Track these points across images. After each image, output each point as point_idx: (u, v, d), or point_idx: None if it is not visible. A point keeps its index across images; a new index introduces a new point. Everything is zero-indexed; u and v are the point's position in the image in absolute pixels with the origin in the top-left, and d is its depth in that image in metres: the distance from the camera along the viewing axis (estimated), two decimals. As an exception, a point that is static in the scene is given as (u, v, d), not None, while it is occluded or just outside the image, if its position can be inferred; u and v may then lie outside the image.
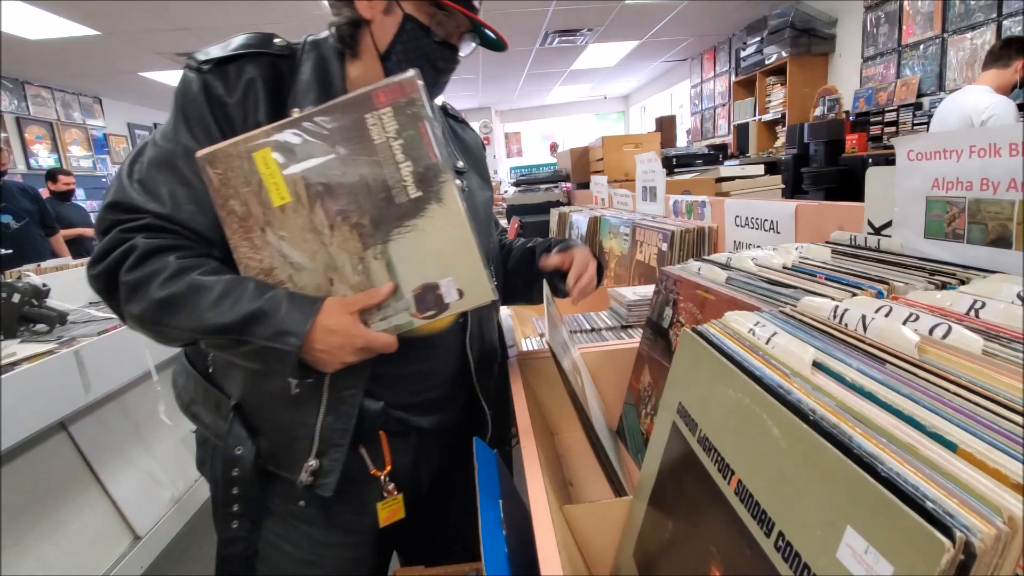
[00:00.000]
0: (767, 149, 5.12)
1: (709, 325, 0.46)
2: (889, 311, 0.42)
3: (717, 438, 0.38)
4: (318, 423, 0.70)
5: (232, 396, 0.73)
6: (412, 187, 0.63)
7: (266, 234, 0.64)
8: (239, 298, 0.62)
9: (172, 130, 0.68)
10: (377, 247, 0.64)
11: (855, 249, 0.69)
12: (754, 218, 1.04)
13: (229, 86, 0.68)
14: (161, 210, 0.64)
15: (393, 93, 0.62)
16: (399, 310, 0.66)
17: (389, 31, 0.73)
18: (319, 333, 0.62)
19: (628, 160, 2.73)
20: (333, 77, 0.74)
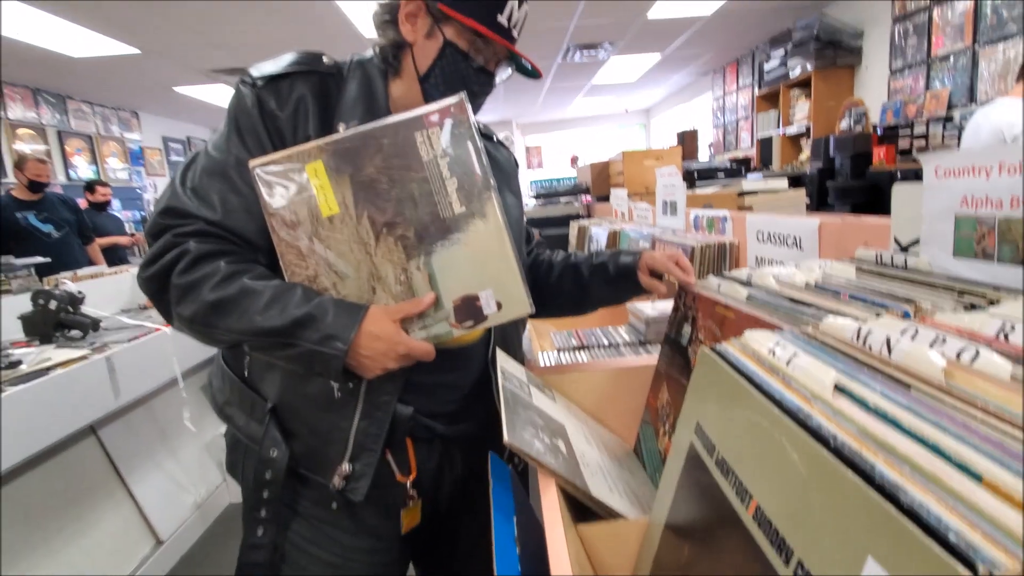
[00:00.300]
0: (791, 163, 5.05)
1: (728, 344, 0.46)
2: (915, 333, 0.41)
3: (735, 461, 0.37)
4: (353, 427, 0.71)
5: (268, 398, 0.74)
6: (456, 203, 0.66)
7: (313, 243, 0.67)
8: (288, 303, 0.65)
9: (225, 141, 0.71)
10: (420, 258, 0.67)
11: (881, 267, 0.67)
12: (777, 234, 1.03)
13: (281, 101, 0.71)
14: (212, 216, 0.67)
15: (443, 114, 0.66)
16: (439, 320, 0.68)
17: (430, 55, 0.76)
18: (364, 339, 0.65)
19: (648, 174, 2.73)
20: (377, 95, 0.77)
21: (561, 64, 6.00)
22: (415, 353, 0.67)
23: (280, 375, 0.73)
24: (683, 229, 1.57)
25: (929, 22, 3.67)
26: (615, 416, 0.88)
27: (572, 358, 1.05)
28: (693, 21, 4.82)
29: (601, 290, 0.95)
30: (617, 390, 0.88)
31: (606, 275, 0.94)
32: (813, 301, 0.55)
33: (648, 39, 5.30)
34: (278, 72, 0.72)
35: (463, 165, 0.66)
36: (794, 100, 4.98)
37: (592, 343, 1.11)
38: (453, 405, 0.82)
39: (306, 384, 0.72)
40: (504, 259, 0.67)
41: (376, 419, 0.72)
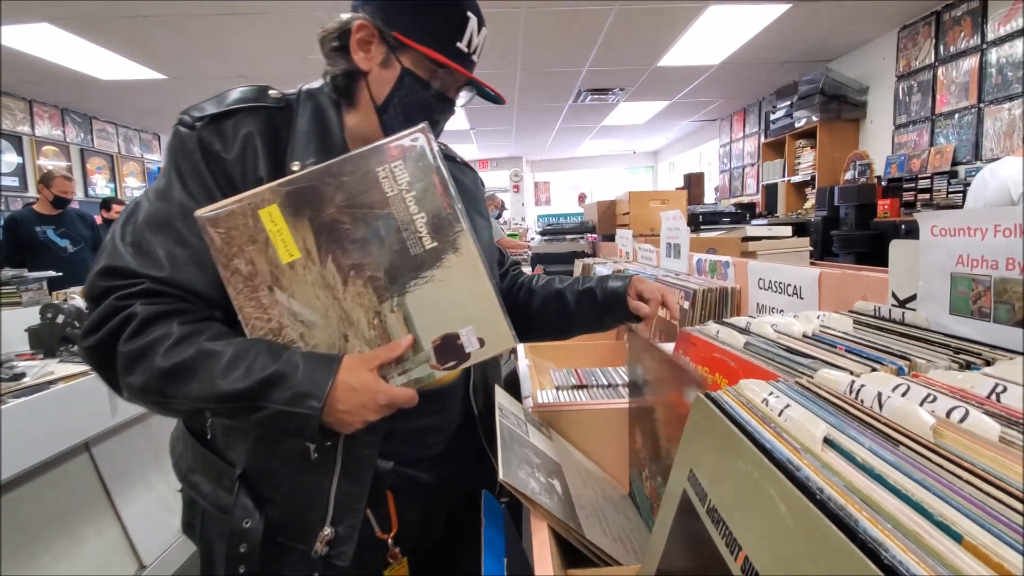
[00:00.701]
0: (796, 210, 5.11)
1: (723, 392, 0.47)
2: (907, 390, 0.41)
3: (726, 510, 0.37)
4: (333, 487, 0.66)
5: (237, 464, 0.69)
6: (427, 238, 0.63)
7: (274, 292, 0.62)
8: (253, 361, 0.59)
9: (167, 188, 0.65)
10: (393, 300, 0.63)
11: (879, 321, 0.68)
12: (778, 282, 1.04)
13: (226, 142, 0.66)
14: (159, 273, 0.61)
15: (405, 147, 0.62)
16: (419, 363, 0.65)
17: (387, 83, 0.73)
18: (341, 392, 0.59)
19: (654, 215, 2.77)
20: (332, 128, 0.73)
21: (572, 106, 6.17)
22: (397, 401, 0.62)
23: (247, 438, 0.68)
24: (686, 272, 1.59)
25: (934, 80, 3.78)
26: (612, 458, 0.87)
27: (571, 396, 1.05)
28: (702, 70, 4.98)
29: (587, 316, 0.94)
30: (615, 431, 0.88)
31: (592, 300, 0.92)
32: (810, 352, 0.56)
33: (657, 86, 5.46)
34: (221, 110, 0.67)
35: (430, 198, 0.63)
36: (799, 150, 5.08)
37: (591, 382, 1.11)
38: (438, 448, 0.79)
39: (276, 446, 0.67)
40: (482, 293, 0.64)
41: (358, 476, 0.67)
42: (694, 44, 4.24)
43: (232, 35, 3.65)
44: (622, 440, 0.87)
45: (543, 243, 3.42)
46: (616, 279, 0.92)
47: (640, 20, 3.73)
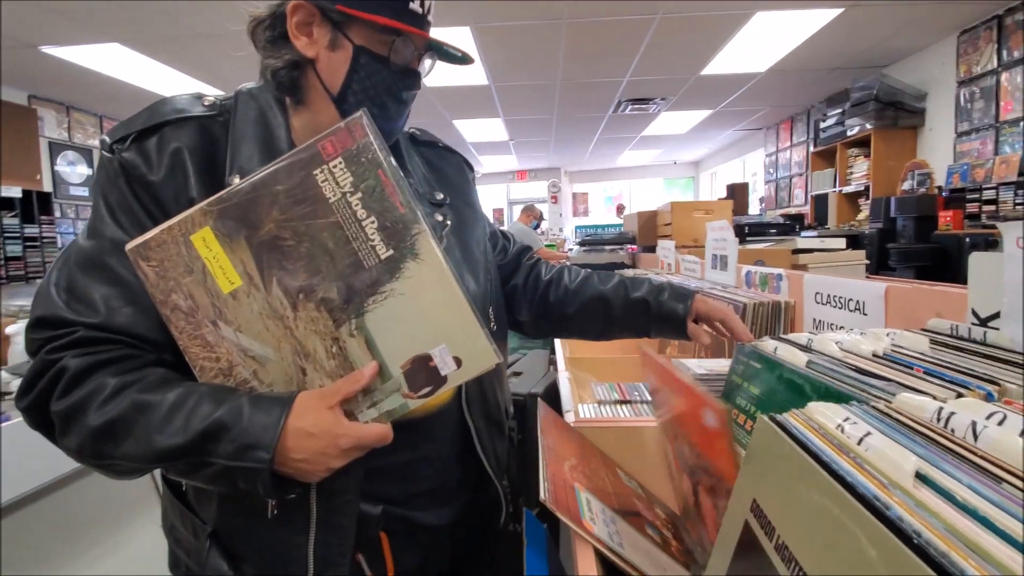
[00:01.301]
0: (848, 222, 4.89)
1: (790, 415, 0.43)
2: (1003, 418, 0.37)
3: (799, 548, 0.34)
4: (310, 541, 0.59)
5: (208, 521, 0.63)
6: (381, 246, 0.55)
7: (219, 327, 0.55)
8: (192, 411, 0.52)
9: (96, 223, 0.59)
10: (352, 322, 0.56)
11: (957, 340, 0.63)
12: (837, 296, 0.98)
13: (151, 163, 0.59)
14: (92, 319, 0.55)
15: (341, 141, 0.54)
16: (389, 392, 0.57)
17: (340, 68, 0.64)
18: (293, 440, 0.52)
19: (697, 226, 2.69)
20: (275, 131, 0.65)
21: (612, 116, 6.13)
22: (365, 441, 0.54)
23: (215, 492, 0.62)
24: (734, 285, 1.53)
25: (997, 86, 3.56)
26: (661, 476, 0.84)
27: (613, 412, 1.02)
28: (748, 78, 4.86)
29: (633, 327, 0.86)
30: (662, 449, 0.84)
31: (643, 313, 0.85)
32: (883, 373, 0.52)
33: (701, 95, 5.36)
34: (143, 127, 0.59)
35: (379, 198, 0.54)
36: (852, 159, 4.87)
37: (635, 398, 1.07)
38: (432, 481, 0.71)
39: (243, 500, 0.60)
40: (453, 304, 0.56)
41: (337, 526, 0.60)
42: (740, 51, 4.15)
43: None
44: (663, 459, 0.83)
45: (582, 253, 3.39)
46: (676, 295, 0.84)
47: (684, 28, 3.68)
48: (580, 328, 0.92)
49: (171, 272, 0.55)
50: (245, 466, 0.52)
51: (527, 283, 0.93)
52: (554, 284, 0.91)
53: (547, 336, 0.96)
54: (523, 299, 0.93)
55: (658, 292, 0.86)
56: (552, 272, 0.94)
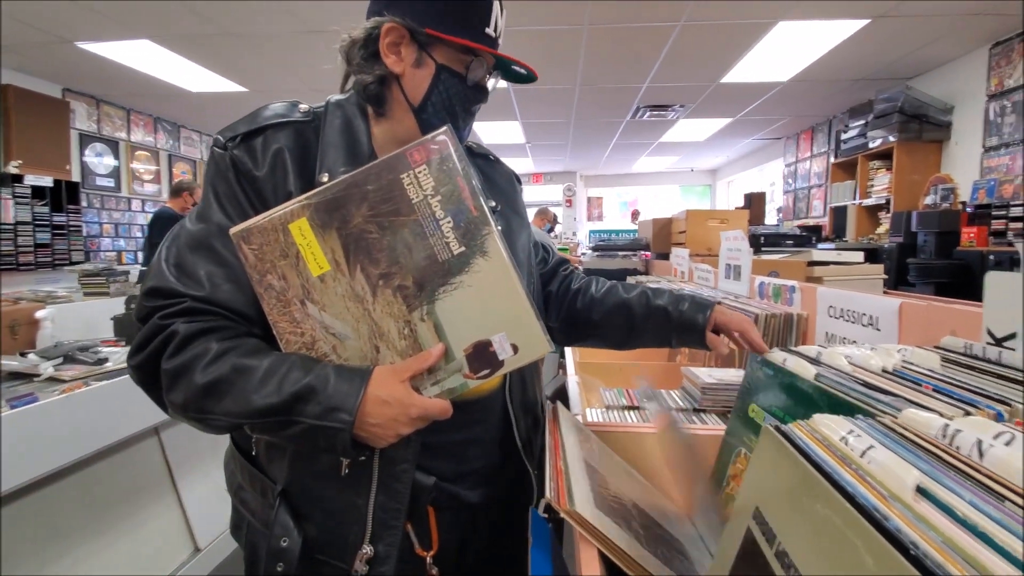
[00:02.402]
0: (867, 235, 4.82)
1: (795, 426, 0.44)
2: (1011, 439, 0.37)
3: (799, 556, 0.35)
4: (371, 504, 0.66)
5: (278, 481, 0.69)
6: (455, 243, 0.62)
7: (306, 306, 0.62)
8: (285, 376, 0.59)
9: (205, 210, 0.67)
10: (423, 308, 0.62)
11: (970, 359, 0.62)
12: (851, 310, 0.98)
13: (256, 160, 0.67)
14: (199, 292, 0.63)
15: (427, 151, 0.61)
16: (451, 372, 0.63)
17: (422, 83, 0.72)
18: (371, 406, 0.59)
19: (712, 235, 2.68)
20: (359, 137, 0.73)
21: (630, 122, 6.11)
22: (430, 413, 0.61)
23: (287, 453, 0.69)
24: (746, 295, 1.52)
25: (1029, 101, 3.48)
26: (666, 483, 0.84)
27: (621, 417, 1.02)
28: (769, 87, 4.82)
29: (655, 335, 0.90)
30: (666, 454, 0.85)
31: (665, 321, 0.88)
32: (891, 389, 0.52)
33: (721, 103, 5.33)
34: (250, 129, 0.68)
35: (456, 201, 0.61)
36: (873, 171, 4.80)
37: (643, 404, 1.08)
38: (479, 462, 0.77)
39: (315, 461, 0.67)
40: (514, 297, 0.62)
41: (394, 491, 0.66)
42: (762, 60, 4.11)
43: (308, 52, 3.87)
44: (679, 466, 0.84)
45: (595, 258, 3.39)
46: (696, 305, 0.87)
47: (706, 36, 3.66)
48: (605, 335, 0.95)
49: (268, 255, 0.62)
50: (329, 425, 0.58)
51: (559, 291, 0.99)
52: (582, 292, 0.97)
53: (574, 343, 1.00)
54: (555, 306, 0.98)
55: (678, 302, 0.89)
56: (581, 282, 0.99)
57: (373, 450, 0.64)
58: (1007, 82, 3.68)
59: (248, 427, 0.62)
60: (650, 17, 3.36)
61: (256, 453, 0.73)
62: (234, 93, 4.90)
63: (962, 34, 3.66)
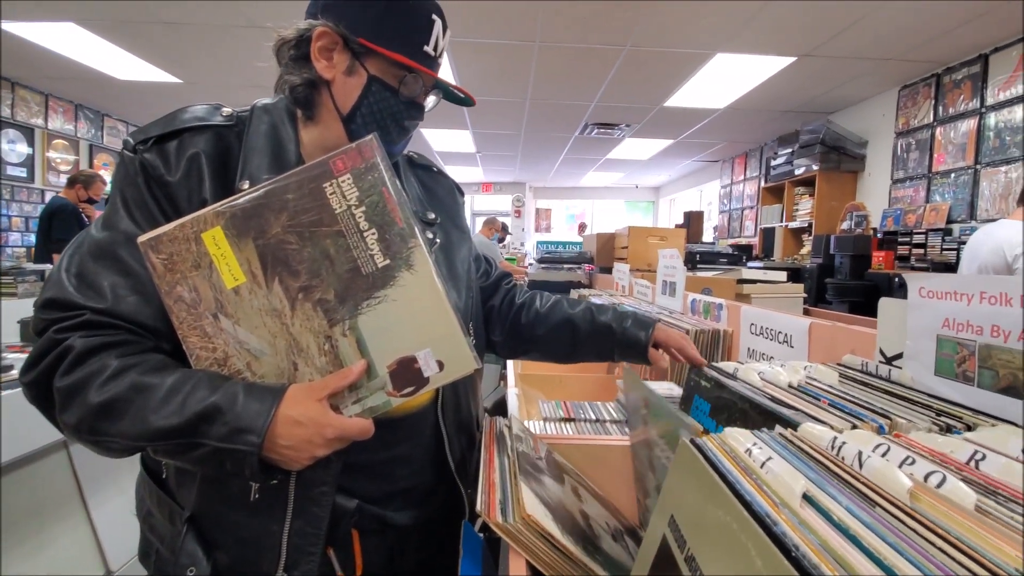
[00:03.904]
0: (792, 255, 5.17)
1: (708, 439, 0.47)
2: (887, 450, 0.42)
3: (704, 559, 0.37)
4: (286, 529, 0.63)
5: (186, 506, 0.65)
6: (379, 255, 0.60)
7: (219, 320, 0.59)
8: (188, 395, 0.56)
9: (111, 217, 0.63)
10: (345, 323, 0.60)
11: (865, 376, 0.69)
12: (769, 328, 1.05)
13: (169, 164, 0.64)
14: (100, 304, 0.59)
15: (351, 159, 0.59)
16: (374, 390, 0.61)
17: (352, 92, 0.70)
18: (283, 426, 0.56)
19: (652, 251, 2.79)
20: (286, 143, 0.70)
21: (578, 138, 6.28)
22: (349, 433, 0.58)
23: (198, 477, 0.65)
24: (680, 311, 1.60)
25: (932, 139, 3.88)
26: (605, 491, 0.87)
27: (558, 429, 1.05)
28: (707, 113, 5.10)
29: (597, 351, 0.93)
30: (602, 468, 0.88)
31: (608, 338, 0.91)
32: (794, 403, 0.57)
33: (663, 125, 5.58)
34: (164, 132, 0.65)
35: (382, 213, 0.59)
36: (798, 196, 5.17)
37: (579, 416, 1.11)
38: (407, 482, 0.75)
39: (225, 486, 0.63)
40: (440, 312, 0.60)
41: (312, 516, 0.63)
42: (701, 88, 4.35)
43: (248, 46, 3.73)
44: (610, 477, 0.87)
45: (540, 270, 3.44)
46: (638, 323, 0.90)
47: (650, 61, 3.84)
48: (548, 349, 0.97)
49: (179, 266, 0.59)
50: (236, 448, 0.55)
51: (502, 305, 0.99)
52: (526, 307, 0.97)
53: (517, 357, 1.02)
54: (497, 320, 0.99)
55: (622, 319, 0.92)
56: (525, 296, 1.00)
57: (289, 473, 0.61)
58: (912, 122, 4.08)
59: (151, 450, 0.59)
60: (598, 40, 3.49)
61: (166, 477, 0.69)
62: (166, 84, 4.64)
63: (875, 76, 4.04)
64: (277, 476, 0.59)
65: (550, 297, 1.00)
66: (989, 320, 0.57)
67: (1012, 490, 0.37)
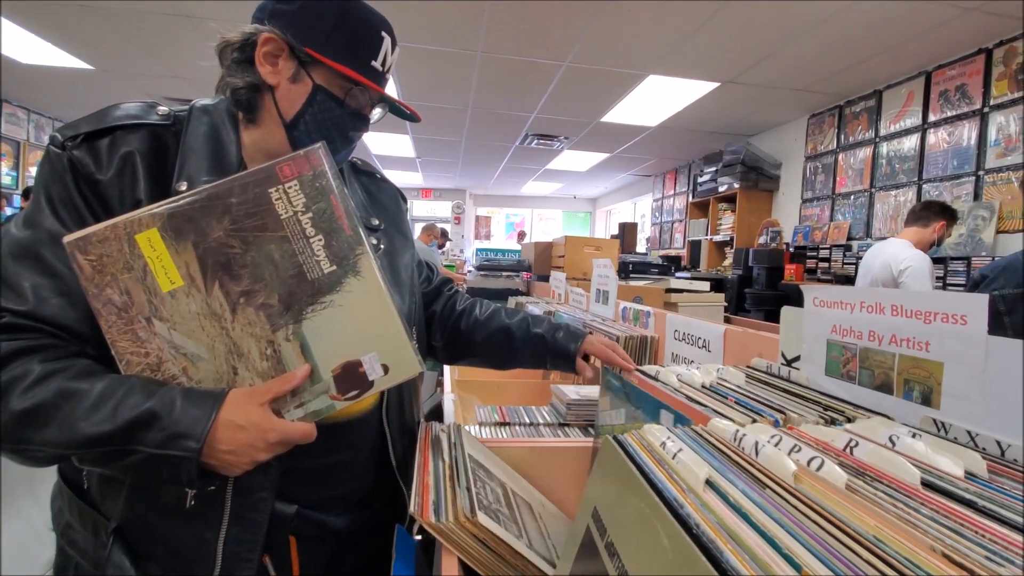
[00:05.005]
0: (716, 267, 5.51)
1: (628, 435, 0.51)
2: (779, 440, 0.48)
3: (621, 545, 0.41)
4: (221, 537, 0.61)
5: (112, 517, 0.63)
6: (326, 262, 0.60)
7: (152, 324, 0.57)
8: (121, 401, 0.54)
9: (35, 215, 0.60)
10: (288, 328, 0.60)
11: (768, 376, 0.76)
12: (690, 334, 1.13)
13: (100, 162, 0.61)
14: (21, 307, 0.56)
15: (299, 166, 0.59)
16: (317, 394, 0.61)
17: (297, 100, 0.70)
18: (223, 431, 0.54)
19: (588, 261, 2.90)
20: (226, 145, 0.69)
21: (519, 147, 6.39)
22: (291, 437, 0.58)
23: (125, 486, 0.62)
24: (612, 319, 1.67)
25: (835, 164, 4.28)
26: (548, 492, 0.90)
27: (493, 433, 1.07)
28: (640, 130, 5.35)
29: (531, 359, 0.96)
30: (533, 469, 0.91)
31: (541, 348, 0.94)
32: (705, 402, 0.62)
33: (600, 139, 5.79)
34: (96, 129, 0.62)
35: (329, 220, 0.59)
36: (721, 212, 5.53)
37: (514, 420, 1.14)
38: (347, 486, 0.74)
39: (157, 494, 0.61)
40: (386, 317, 0.61)
41: (250, 522, 0.62)
42: (635, 106, 4.57)
43: (173, 36, 3.52)
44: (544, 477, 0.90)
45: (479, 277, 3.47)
46: (570, 335, 0.94)
47: (587, 78, 3.98)
48: (486, 356, 1.00)
49: (109, 268, 0.56)
50: (174, 454, 0.53)
51: (443, 311, 1.01)
52: (466, 314, 1.00)
53: (456, 362, 1.04)
54: (438, 325, 1.01)
55: (555, 330, 0.96)
56: (466, 303, 1.02)
57: (225, 479, 0.60)
58: (819, 147, 4.48)
59: (76, 459, 0.56)
60: (539, 54, 3.59)
61: (88, 487, 0.65)
62: (77, 70, 4.27)
63: (788, 104, 4.41)
64: (214, 482, 0.58)
65: (490, 305, 1.03)
66: (867, 326, 0.65)
67: (877, 471, 0.43)
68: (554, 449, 0.90)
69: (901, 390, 0.61)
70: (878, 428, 0.51)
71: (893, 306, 0.62)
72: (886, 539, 0.32)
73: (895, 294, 0.63)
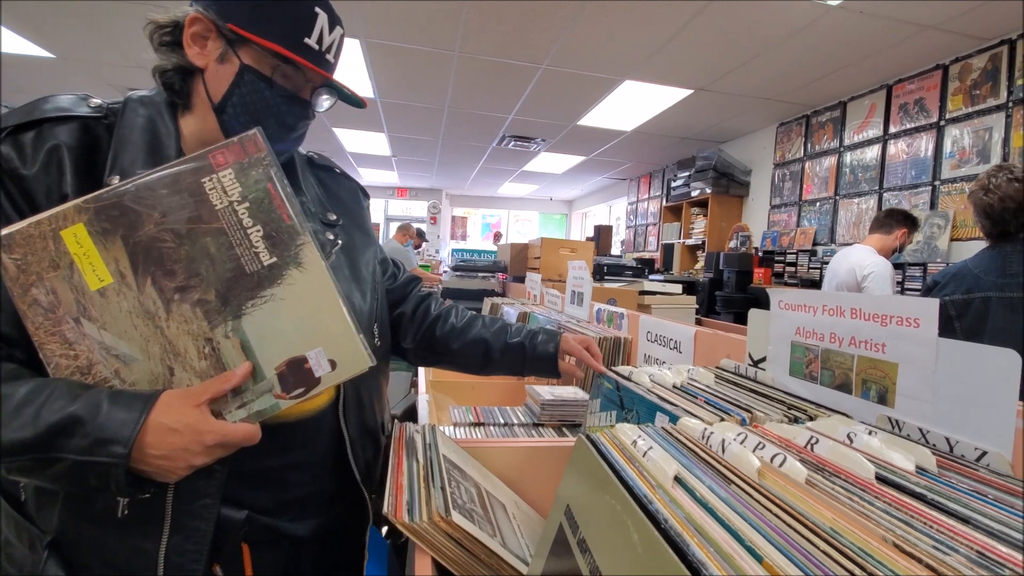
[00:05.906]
0: (688, 269, 5.63)
1: (600, 434, 0.52)
2: (744, 438, 0.49)
3: (592, 540, 0.42)
4: (162, 548, 0.58)
5: (47, 530, 0.60)
6: (265, 253, 0.57)
7: (81, 325, 0.55)
8: (43, 405, 0.51)
9: None
10: (227, 324, 0.57)
11: (736, 377, 0.79)
12: (662, 336, 1.16)
13: (25, 157, 0.59)
14: None
15: (233, 153, 0.56)
16: (260, 392, 0.58)
17: (224, 81, 0.67)
18: (154, 435, 0.52)
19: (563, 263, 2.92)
20: (163, 135, 0.66)
21: (496, 148, 6.40)
22: (232, 439, 0.55)
23: (60, 496, 0.60)
24: (587, 320, 1.69)
25: (802, 172, 4.42)
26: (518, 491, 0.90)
27: (468, 433, 1.07)
28: (616, 134, 5.42)
29: (509, 367, 0.97)
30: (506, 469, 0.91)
31: (520, 355, 0.95)
32: (675, 401, 0.64)
33: (576, 142, 5.84)
34: (21, 122, 0.60)
35: (267, 209, 0.57)
36: (694, 216, 5.65)
37: (488, 421, 1.14)
38: (303, 489, 0.71)
39: (91, 504, 0.58)
40: (332, 310, 0.59)
41: (193, 531, 0.59)
42: (611, 110, 4.63)
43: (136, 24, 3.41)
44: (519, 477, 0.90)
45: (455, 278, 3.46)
46: (546, 338, 0.95)
47: (565, 82, 4.02)
48: (461, 363, 0.99)
49: (34, 266, 0.54)
50: (99, 461, 0.51)
51: (415, 314, 1.00)
52: (442, 320, 0.99)
53: (429, 365, 1.04)
54: (410, 328, 0.99)
55: (532, 336, 0.97)
56: (441, 308, 1.01)
57: (163, 486, 0.57)
58: (787, 155, 4.62)
59: (4, 469, 0.53)
60: (517, 56, 3.60)
61: (24, 499, 0.63)
62: (35, 58, 4.10)
63: (758, 113, 4.53)
64: (149, 490, 0.55)
65: (466, 312, 1.02)
66: (828, 329, 0.68)
67: (836, 467, 0.45)
68: (528, 449, 0.91)
69: (859, 390, 0.64)
70: (837, 426, 0.54)
71: (852, 309, 0.65)
72: (842, 531, 0.34)
73: (855, 298, 0.66)
